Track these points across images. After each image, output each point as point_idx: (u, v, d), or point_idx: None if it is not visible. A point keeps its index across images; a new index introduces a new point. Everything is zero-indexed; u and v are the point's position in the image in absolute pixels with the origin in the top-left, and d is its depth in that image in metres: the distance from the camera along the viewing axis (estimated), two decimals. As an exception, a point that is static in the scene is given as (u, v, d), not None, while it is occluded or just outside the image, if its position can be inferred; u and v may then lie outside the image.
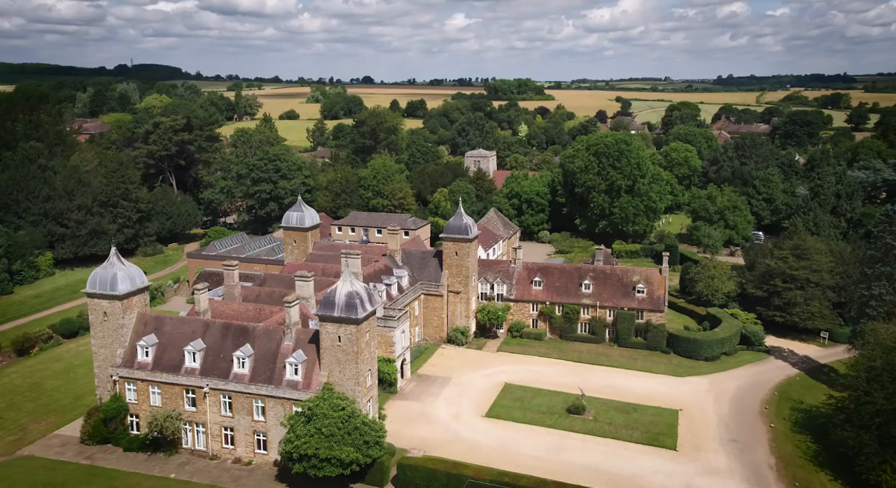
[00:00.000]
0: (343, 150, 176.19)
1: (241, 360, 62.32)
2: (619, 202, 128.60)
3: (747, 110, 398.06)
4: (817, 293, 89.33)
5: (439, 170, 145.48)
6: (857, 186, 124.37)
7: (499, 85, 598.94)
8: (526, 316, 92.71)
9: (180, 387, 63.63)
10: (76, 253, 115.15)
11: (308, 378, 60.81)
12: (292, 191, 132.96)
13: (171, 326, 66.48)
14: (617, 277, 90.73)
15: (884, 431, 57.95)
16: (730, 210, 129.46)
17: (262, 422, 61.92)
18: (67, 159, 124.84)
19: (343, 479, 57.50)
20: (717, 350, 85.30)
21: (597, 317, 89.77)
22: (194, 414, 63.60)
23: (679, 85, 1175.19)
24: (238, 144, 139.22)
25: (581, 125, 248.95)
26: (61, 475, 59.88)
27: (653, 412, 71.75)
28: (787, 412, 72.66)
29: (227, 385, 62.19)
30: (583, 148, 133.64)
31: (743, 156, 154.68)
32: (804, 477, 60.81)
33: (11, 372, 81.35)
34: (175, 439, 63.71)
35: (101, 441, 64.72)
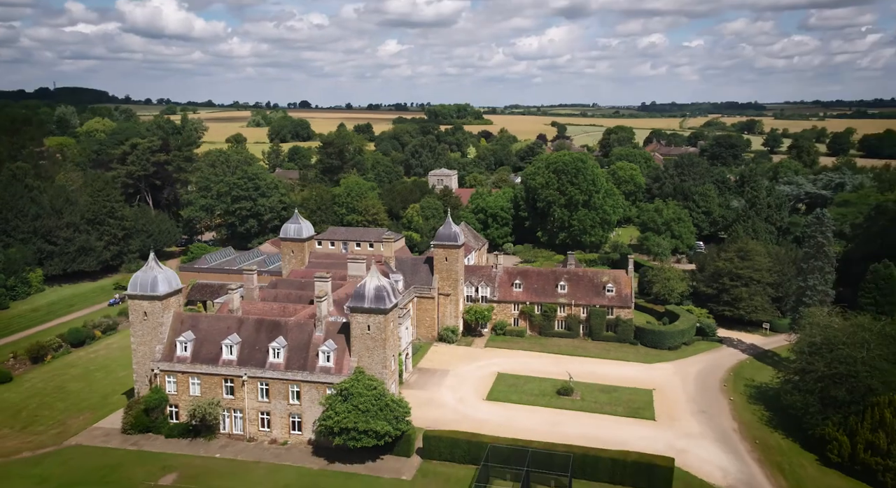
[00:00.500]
0: (311, 171, 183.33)
1: (275, 351, 69.53)
2: (577, 215, 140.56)
3: (675, 134, 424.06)
4: (759, 289, 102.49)
5: (408, 187, 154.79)
6: (784, 199, 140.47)
7: (438, 110, 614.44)
8: (508, 315, 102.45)
9: (219, 377, 70.20)
10: (65, 269, 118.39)
11: (339, 364, 68.55)
12: (271, 208, 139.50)
13: (207, 323, 73.12)
14: (589, 278, 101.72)
15: (825, 394, 69.85)
16: (675, 222, 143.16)
17: (298, 405, 69.12)
18: (52, 179, 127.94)
19: (374, 451, 65.35)
20: (678, 340, 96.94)
21: (572, 314, 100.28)
22: (232, 401, 70.20)
23: (607, 111, 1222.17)
24: (217, 164, 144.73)
25: (528, 147, 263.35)
26: (113, 459, 65.49)
27: (630, 392, 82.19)
28: (741, 388, 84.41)
29: (264, 373, 69.20)
30: (543, 166, 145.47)
31: (682, 174, 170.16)
32: (762, 436, 72.16)
33: (32, 378, 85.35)
34: (214, 425, 70.09)
35: (142, 430, 70.37)
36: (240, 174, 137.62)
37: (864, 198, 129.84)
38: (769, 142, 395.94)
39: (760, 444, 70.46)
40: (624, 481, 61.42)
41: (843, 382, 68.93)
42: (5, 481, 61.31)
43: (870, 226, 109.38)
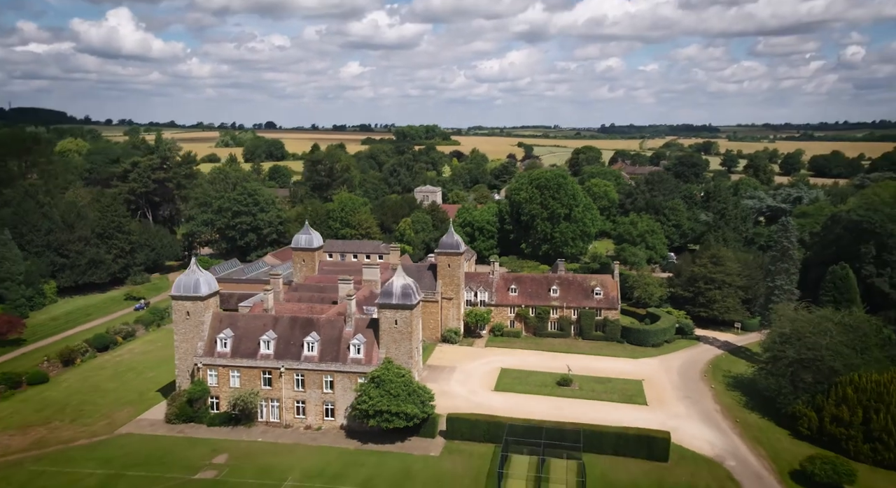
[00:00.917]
0: (301, 188, 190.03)
1: (310, 345, 76.71)
2: (559, 228, 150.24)
3: (637, 154, 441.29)
4: (731, 292, 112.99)
5: (398, 203, 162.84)
6: (749, 211, 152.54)
7: (407, 131, 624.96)
8: (505, 318, 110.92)
9: (258, 370, 77.01)
10: (76, 281, 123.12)
11: (369, 355, 76.06)
12: (269, 222, 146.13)
13: (244, 322, 79.96)
14: (578, 283, 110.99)
15: (795, 376, 79.80)
16: (648, 233, 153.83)
17: (331, 394, 76.27)
18: (62, 195, 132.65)
19: (402, 433, 72.84)
20: (661, 338, 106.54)
21: (564, 315, 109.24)
22: (269, 391, 77.02)
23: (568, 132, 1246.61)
24: (216, 181, 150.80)
25: (502, 166, 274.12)
26: (164, 444, 71.71)
27: (622, 382, 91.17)
28: (720, 378, 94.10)
29: (299, 365, 76.29)
30: (527, 182, 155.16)
31: (653, 190, 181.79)
32: (742, 416, 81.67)
33: (67, 379, 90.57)
34: (252, 413, 76.73)
35: (186, 420, 76.62)
36: (240, 190, 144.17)
37: (819, 210, 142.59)
38: (726, 163, 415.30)
39: (740, 423, 79.88)
40: (627, 452, 69.98)
41: (810, 366, 78.96)
42: (72, 463, 67.12)
43: (826, 234, 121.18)
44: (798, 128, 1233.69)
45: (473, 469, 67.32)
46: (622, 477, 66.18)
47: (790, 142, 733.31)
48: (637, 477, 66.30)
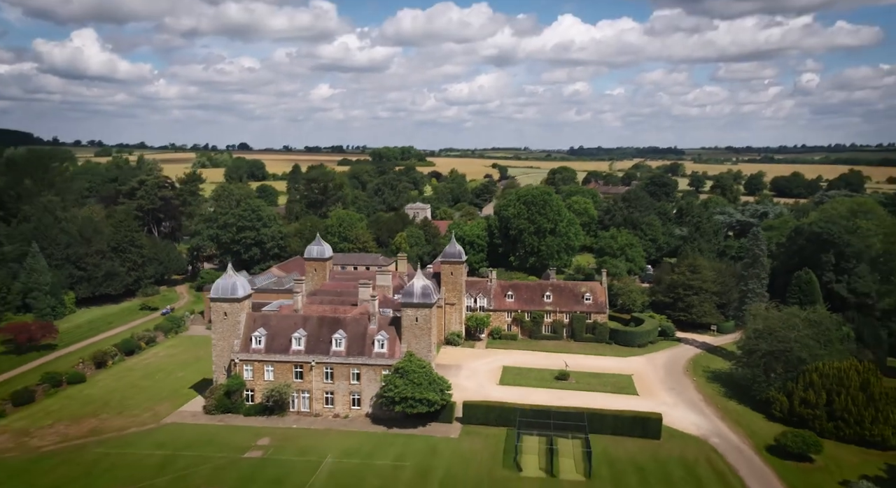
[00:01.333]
0: (297, 205, 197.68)
1: (337, 341, 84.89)
2: (545, 241, 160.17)
3: (609, 175, 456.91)
4: (707, 297, 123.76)
5: (392, 219, 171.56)
6: (720, 226, 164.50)
7: (383, 152, 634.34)
8: (502, 322, 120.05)
9: (290, 364, 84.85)
10: (93, 292, 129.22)
11: (392, 349, 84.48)
12: (272, 237, 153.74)
13: (276, 321, 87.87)
14: (569, 289, 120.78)
15: (768, 367, 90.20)
16: (628, 247, 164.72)
17: (357, 385, 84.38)
18: (77, 211, 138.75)
19: (422, 419, 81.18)
20: (645, 339, 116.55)
21: (557, 319, 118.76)
22: (301, 383, 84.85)
23: (538, 154, 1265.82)
24: (221, 198, 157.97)
25: (483, 185, 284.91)
26: (209, 430, 79.04)
27: (614, 377, 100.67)
28: (700, 373, 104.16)
29: (328, 359, 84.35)
30: (514, 198, 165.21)
31: (630, 207, 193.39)
32: (722, 403, 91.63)
33: (103, 378, 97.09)
34: (285, 404, 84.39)
35: (224, 410, 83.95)
36: (244, 206, 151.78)
37: (784, 224, 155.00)
38: (694, 183, 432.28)
39: (721, 408, 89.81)
40: (624, 432, 79.27)
41: (781, 357, 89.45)
42: (130, 446, 74.17)
43: (790, 245, 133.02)
44: (759, 151, 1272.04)
45: (490, 447, 75.89)
46: (621, 452, 75.30)
47: (752, 164, 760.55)
48: (634, 452, 75.49)
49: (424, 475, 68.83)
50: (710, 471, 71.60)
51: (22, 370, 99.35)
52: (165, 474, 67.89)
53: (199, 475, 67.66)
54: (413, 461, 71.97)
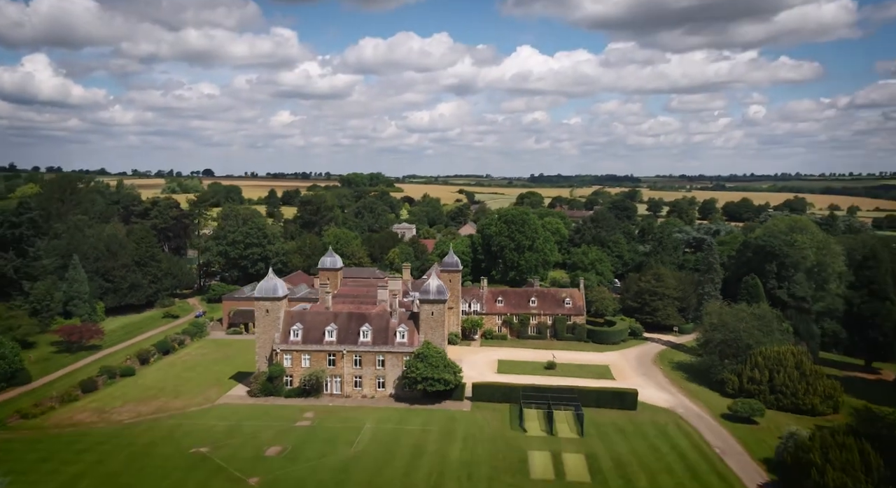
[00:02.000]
0: (292, 225, 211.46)
1: (364, 333, 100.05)
2: (524, 257, 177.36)
3: (572, 200, 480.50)
4: (669, 302, 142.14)
5: (384, 237, 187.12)
6: (678, 242, 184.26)
7: (352, 178, 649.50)
8: (493, 324, 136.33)
9: (324, 353, 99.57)
10: (119, 302, 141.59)
11: (411, 339, 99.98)
12: (276, 252, 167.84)
13: (310, 317, 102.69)
14: (552, 295, 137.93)
15: (721, 353, 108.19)
16: (598, 262, 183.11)
17: (382, 370, 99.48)
18: (102, 228, 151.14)
19: (437, 397, 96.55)
20: (618, 338, 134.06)
21: (541, 321, 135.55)
22: (333, 369, 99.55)
23: (500, 181, 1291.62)
24: (228, 217, 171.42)
25: (458, 209, 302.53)
26: (258, 408, 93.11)
27: (594, 366, 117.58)
28: (666, 363, 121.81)
29: (357, 348, 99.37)
30: (496, 218, 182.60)
31: (598, 227, 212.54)
32: (684, 384, 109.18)
33: (150, 372, 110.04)
34: (319, 387, 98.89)
35: (266, 394, 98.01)
36: (251, 225, 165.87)
37: (734, 239, 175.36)
38: (652, 208, 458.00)
39: (684, 388, 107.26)
40: (606, 404, 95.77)
41: (732, 344, 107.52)
42: (197, 419, 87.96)
43: (739, 257, 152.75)
44: (711, 179, 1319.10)
45: (498, 417, 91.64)
46: (605, 419, 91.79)
47: (704, 191, 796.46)
48: (615, 418, 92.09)
49: (448, 435, 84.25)
50: (678, 431, 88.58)
51: (77, 366, 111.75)
52: (235, 437, 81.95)
53: (264, 437, 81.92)
54: (437, 426, 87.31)
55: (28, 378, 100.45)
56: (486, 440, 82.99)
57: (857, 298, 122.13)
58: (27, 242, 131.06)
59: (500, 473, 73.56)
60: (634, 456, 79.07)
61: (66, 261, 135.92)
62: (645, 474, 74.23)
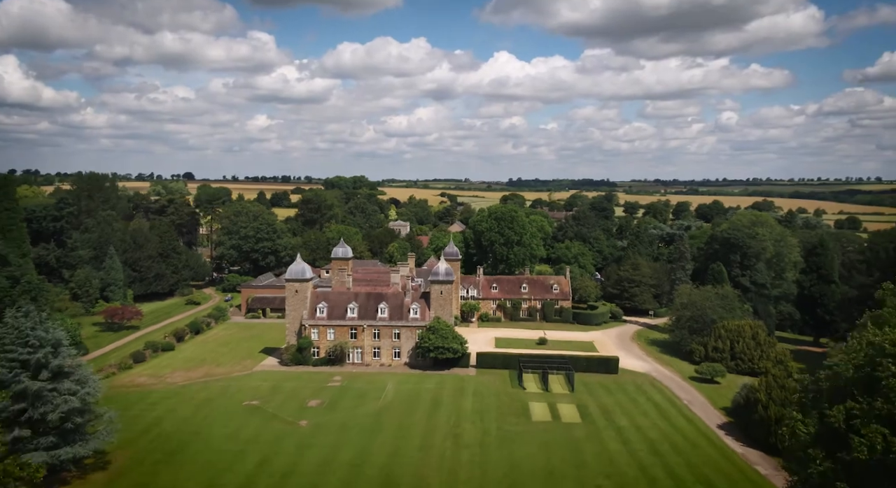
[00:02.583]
0: (294, 222, 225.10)
1: (382, 310, 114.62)
2: (512, 251, 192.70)
3: (552, 203, 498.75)
4: (646, 288, 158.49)
5: (383, 233, 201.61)
6: (653, 237, 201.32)
7: (335, 181, 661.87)
8: (489, 308, 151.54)
9: (347, 327, 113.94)
10: (145, 291, 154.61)
11: (423, 315, 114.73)
12: (285, 246, 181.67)
13: (334, 296, 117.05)
14: (541, 282, 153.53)
15: (690, 327, 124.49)
16: (580, 255, 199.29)
17: (398, 342, 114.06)
18: (127, 223, 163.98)
19: (446, 364, 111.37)
20: (601, 320, 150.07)
21: (531, 305, 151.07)
22: (355, 342, 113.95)
23: (479, 185, 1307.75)
24: (241, 214, 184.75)
25: (444, 209, 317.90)
26: (293, 373, 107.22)
27: (580, 342, 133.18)
28: (643, 340, 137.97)
29: (376, 323, 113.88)
30: (486, 215, 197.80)
31: (579, 224, 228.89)
32: (658, 356, 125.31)
33: (187, 347, 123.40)
34: (342, 357, 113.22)
35: (296, 363, 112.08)
36: (261, 221, 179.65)
37: (703, 234, 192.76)
38: (628, 210, 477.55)
39: (658, 358, 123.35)
40: (592, 369, 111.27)
41: (699, 320, 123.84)
42: (242, 381, 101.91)
43: (707, 248, 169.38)
44: (685, 184, 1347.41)
45: (500, 379, 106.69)
46: (592, 380, 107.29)
47: (678, 195, 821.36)
48: (601, 380, 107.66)
49: (459, 391, 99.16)
50: (653, 388, 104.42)
51: (122, 342, 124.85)
52: (279, 394, 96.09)
53: (303, 394, 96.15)
54: (449, 386, 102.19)
55: (86, 349, 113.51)
56: (492, 395, 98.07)
57: (807, 282, 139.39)
58: (66, 234, 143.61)
59: (506, 416, 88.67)
60: (617, 406, 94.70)
61: (98, 252, 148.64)
62: (626, 417, 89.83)
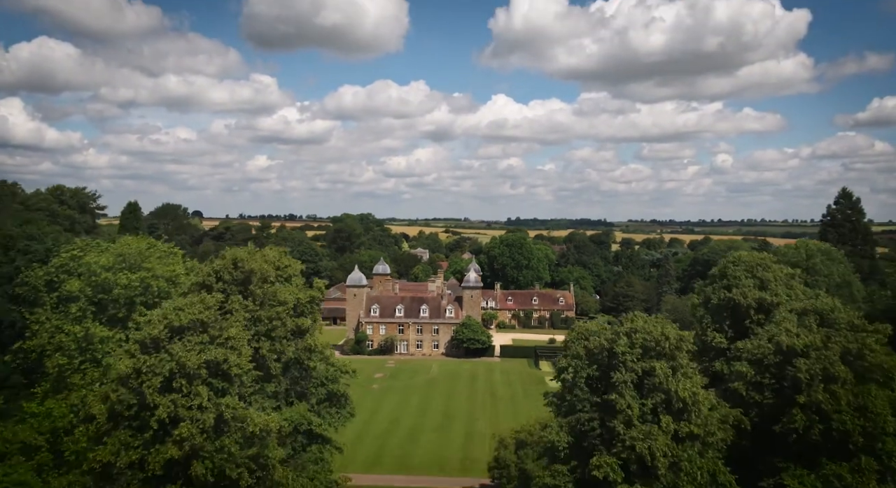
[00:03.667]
0: (326, 249, 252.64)
1: (423, 310, 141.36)
2: (522, 274, 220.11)
3: (551, 238, 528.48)
4: (638, 302, 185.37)
5: (407, 257, 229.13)
6: (645, 261, 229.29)
7: (343, 218, 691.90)
8: (505, 317, 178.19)
9: (395, 324, 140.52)
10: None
11: (457, 314, 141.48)
12: (325, 268, 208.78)
13: (384, 300, 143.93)
14: (549, 295, 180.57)
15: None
16: (581, 279, 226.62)
17: (437, 336, 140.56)
18: (198, 247, 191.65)
19: (476, 354, 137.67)
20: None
21: (541, 315, 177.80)
22: (401, 336, 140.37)
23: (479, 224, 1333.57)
24: (288, 240, 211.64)
25: (455, 241, 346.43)
26: (353, 359, 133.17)
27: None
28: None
29: (419, 320, 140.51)
30: (499, 242, 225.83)
31: (580, 252, 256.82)
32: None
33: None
34: (392, 348, 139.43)
35: (354, 352, 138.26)
36: (305, 246, 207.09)
37: (688, 257, 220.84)
38: (624, 245, 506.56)
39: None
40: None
41: (681, 322, 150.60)
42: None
43: (690, 270, 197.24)
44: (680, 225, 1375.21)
45: (520, 364, 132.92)
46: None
47: (674, 234, 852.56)
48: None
49: (490, 371, 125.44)
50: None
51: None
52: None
53: (368, 370, 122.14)
54: (481, 367, 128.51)
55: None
56: (516, 373, 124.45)
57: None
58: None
59: (527, 385, 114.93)
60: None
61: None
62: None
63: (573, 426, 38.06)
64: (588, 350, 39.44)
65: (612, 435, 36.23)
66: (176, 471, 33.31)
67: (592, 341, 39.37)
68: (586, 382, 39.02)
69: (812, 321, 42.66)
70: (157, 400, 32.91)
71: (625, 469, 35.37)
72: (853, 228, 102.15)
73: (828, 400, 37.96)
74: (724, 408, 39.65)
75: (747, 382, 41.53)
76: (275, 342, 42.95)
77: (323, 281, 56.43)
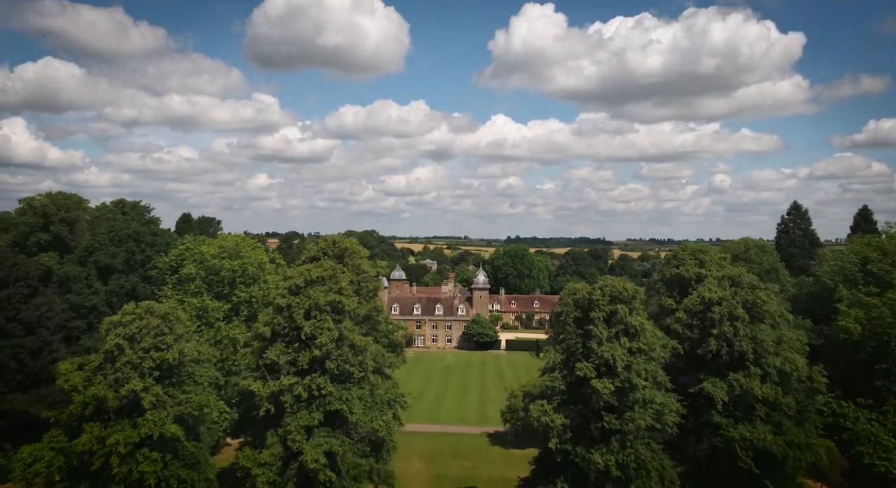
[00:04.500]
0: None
1: (438, 308, 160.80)
2: (523, 282, 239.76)
3: (552, 254, 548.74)
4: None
5: (417, 267, 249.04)
6: (638, 271, 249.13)
7: (348, 234, 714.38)
8: (509, 319, 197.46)
9: (413, 321, 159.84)
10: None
11: (468, 312, 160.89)
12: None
13: (403, 300, 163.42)
14: (549, 299, 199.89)
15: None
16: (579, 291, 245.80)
17: (450, 331, 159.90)
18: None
19: (485, 346, 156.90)
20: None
21: (541, 317, 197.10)
22: (419, 330, 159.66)
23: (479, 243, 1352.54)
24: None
25: (460, 255, 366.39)
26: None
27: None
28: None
29: (434, 318, 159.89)
30: (502, 253, 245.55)
31: (577, 264, 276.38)
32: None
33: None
34: (411, 342, 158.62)
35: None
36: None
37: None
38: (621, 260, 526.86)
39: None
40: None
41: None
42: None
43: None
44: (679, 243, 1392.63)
45: (524, 356, 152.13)
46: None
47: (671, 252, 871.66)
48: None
49: (497, 360, 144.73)
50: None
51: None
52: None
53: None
54: (490, 357, 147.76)
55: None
56: (520, 362, 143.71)
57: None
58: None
59: (531, 371, 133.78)
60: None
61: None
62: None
63: (564, 348, 57.62)
64: (575, 300, 58.89)
65: (589, 351, 55.72)
66: (314, 366, 52.93)
67: (578, 294, 58.81)
68: (573, 320, 58.51)
69: (726, 283, 62.35)
70: (303, 323, 52.58)
71: (596, 371, 54.91)
72: (802, 234, 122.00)
73: (732, 333, 57.56)
74: (666, 340, 59.23)
75: (683, 324, 61.19)
76: (361, 298, 62.59)
77: (383, 262, 76.14)
